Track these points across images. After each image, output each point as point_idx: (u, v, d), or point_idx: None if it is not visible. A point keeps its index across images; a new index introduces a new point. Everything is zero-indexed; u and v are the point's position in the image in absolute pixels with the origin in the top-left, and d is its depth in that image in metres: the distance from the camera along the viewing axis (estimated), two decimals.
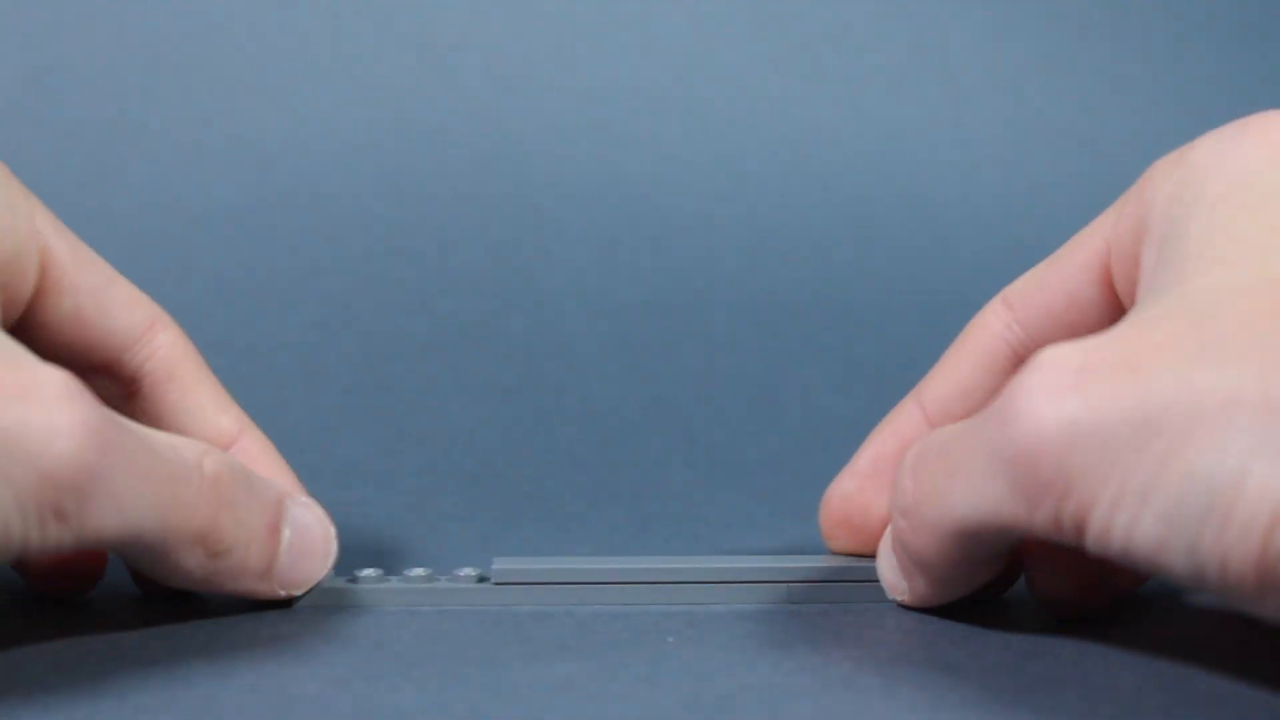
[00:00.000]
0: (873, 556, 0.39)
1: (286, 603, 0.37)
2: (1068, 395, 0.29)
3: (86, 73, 0.71)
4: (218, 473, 0.35)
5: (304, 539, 0.37)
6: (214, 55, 0.73)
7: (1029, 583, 0.38)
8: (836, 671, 0.33)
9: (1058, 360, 0.30)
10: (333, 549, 0.38)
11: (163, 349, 0.39)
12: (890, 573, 0.38)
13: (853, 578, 0.39)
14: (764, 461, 0.61)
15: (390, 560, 0.44)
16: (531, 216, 0.75)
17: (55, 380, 0.31)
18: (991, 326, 0.40)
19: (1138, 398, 0.29)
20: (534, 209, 0.75)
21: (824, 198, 0.79)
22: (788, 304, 0.75)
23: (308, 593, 0.38)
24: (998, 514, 0.31)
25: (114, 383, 0.39)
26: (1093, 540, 0.30)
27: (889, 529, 0.38)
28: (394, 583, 0.38)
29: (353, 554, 0.42)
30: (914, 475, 0.35)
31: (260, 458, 0.40)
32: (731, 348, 0.72)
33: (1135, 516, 0.29)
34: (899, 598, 0.38)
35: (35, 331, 0.37)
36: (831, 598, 0.39)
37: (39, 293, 0.37)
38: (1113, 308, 0.37)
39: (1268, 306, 0.29)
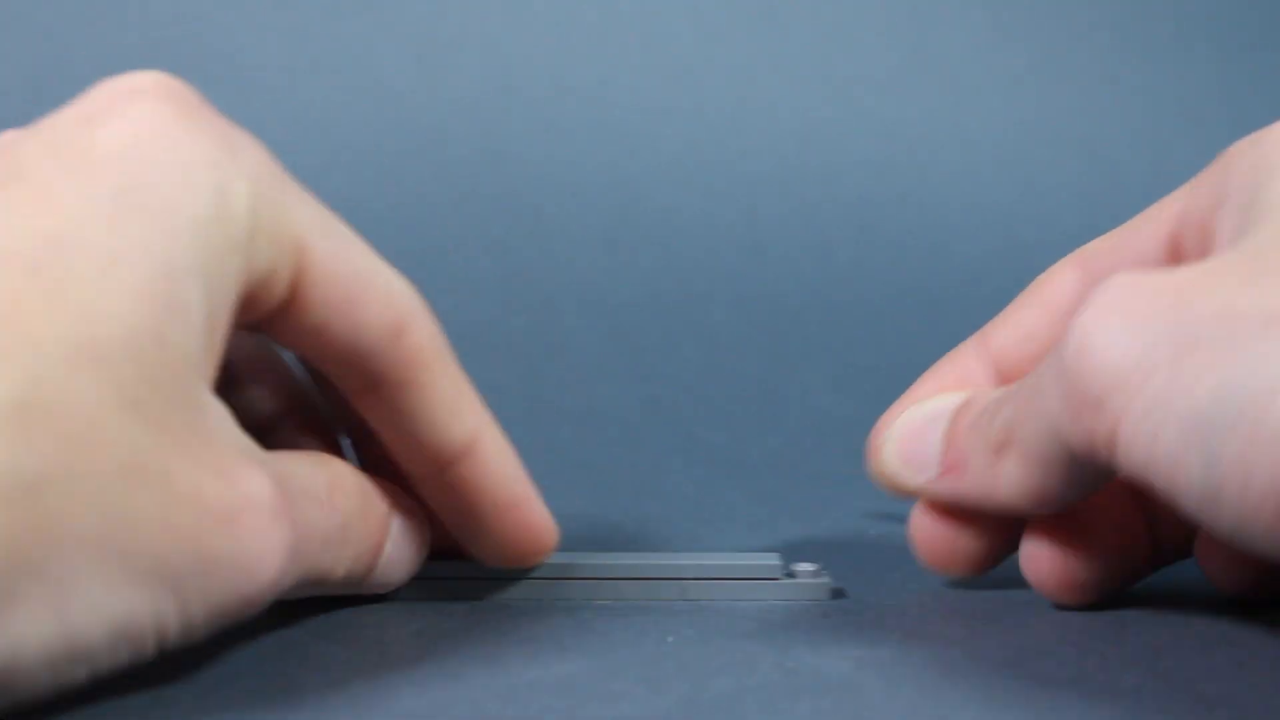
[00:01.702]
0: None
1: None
2: (1115, 314, 0.30)
3: (86, 73, 0.71)
4: (346, 509, 0.35)
5: (400, 552, 0.37)
6: (214, 55, 0.73)
7: (1207, 575, 0.38)
8: (836, 671, 0.33)
9: (1115, 283, 0.31)
10: (421, 555, 0.38)
11: (405, 355, 0.36)
12: (919, 446, 0.39)
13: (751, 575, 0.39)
14: (764, 461, 0.61)
15: None
16: (531, 216, 0.75)
17: (264, 498, 0.30)
18: (1060, 280, 0.40)
19: (1179, 317, 0.29)
20: (534, 209, 0.75)
21: (824, 198, 0.79)
22: (788, 304, 0.75)
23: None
24: (1058, 433, 0.32)
25: (354, 377, 0.36)
26: (1122, 456, 0.30)
27: (939, 403, 0.39)
28: None
29: None
30: (1011, 396, 0.35)
31: (490, 466, 0.38)
32: (731, 348, 0.72)
33: (1159, 425, 0.29)
34: (901, 474, 0.39)
35: (276, 338, 0.35)
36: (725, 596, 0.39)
37: (285, 305, 0.34)
38: None
39: None
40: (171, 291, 0.29)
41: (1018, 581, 0.42)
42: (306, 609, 0.37)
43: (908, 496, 0.40)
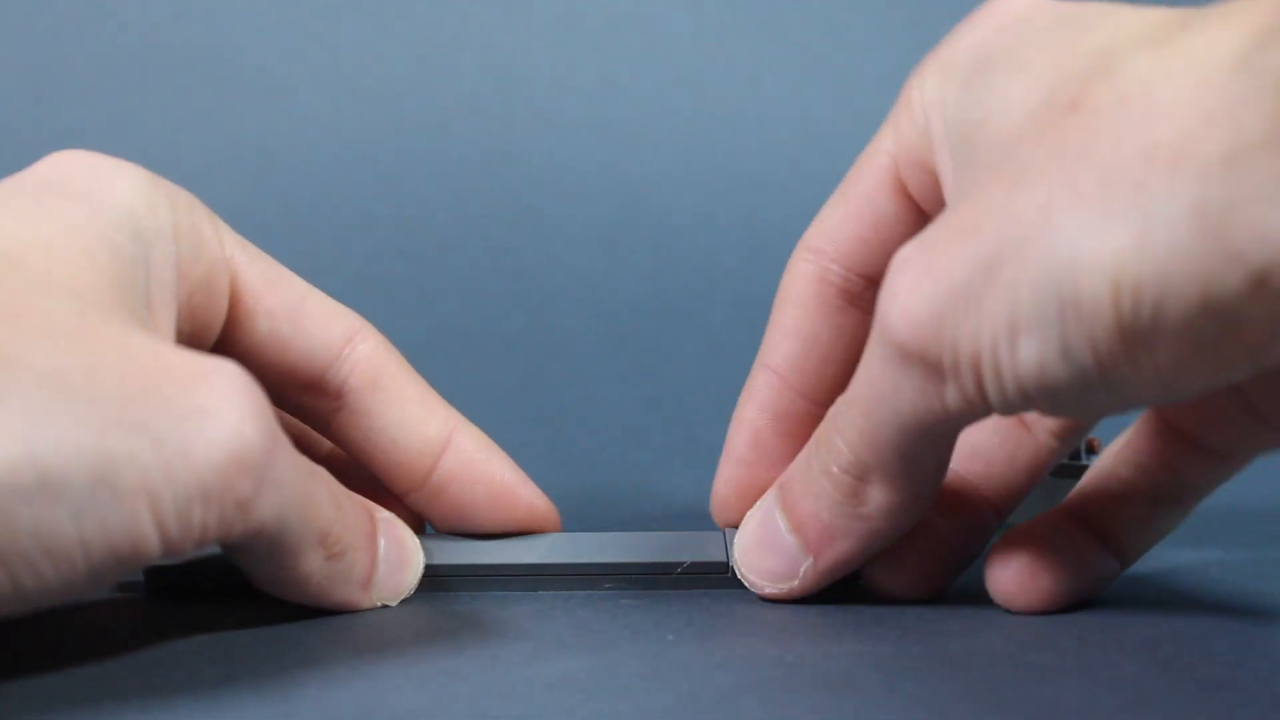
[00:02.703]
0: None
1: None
2: (922, 279, 0.31)
3: (86, 73, 0.71)
4: (329, 483, 0.35)
5: (396, 549, 0.37)
6: (214, 55, 0.73)
7: (866, 580, 0.39)
8: (837, 666, 0.33)
9: (904, 258, 0.31)
10: (420, 560, 0.38)
11: (363, 361, 0.38)
12: (774, 555, 0.38)
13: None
14: None
15: None
16: (531, 216, 0.75)
17: (231, 367, 0.31)
18: (806, 276, 0.40)
19: (976, 247, 0.30)
20: (534, 209, 0.75)
21: (824, 198, 0.79)
22: None
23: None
24: (920, 414, 0.32)
25: (319, 400, 0.39)
26: (994, 397, 0.31)
27: (757, 510, 0.38)
28: None
29: None
30: (840, 431, 0.35)
31: (476, 455, 0.39)
32: (731, 348, 0.72)
33: (1013, 348, 0.30)
34: (775, 588, 0.38)
35: (232, 357, 0.37)
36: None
37: (232, 318, 0.37)
38: (916, 214, 0.38)
39: (1049, 124, 0.30)
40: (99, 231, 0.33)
41: None
42: (308, 610, 0.37)
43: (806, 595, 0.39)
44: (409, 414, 0.39)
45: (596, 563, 0.39)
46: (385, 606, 0.38)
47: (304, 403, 0.38)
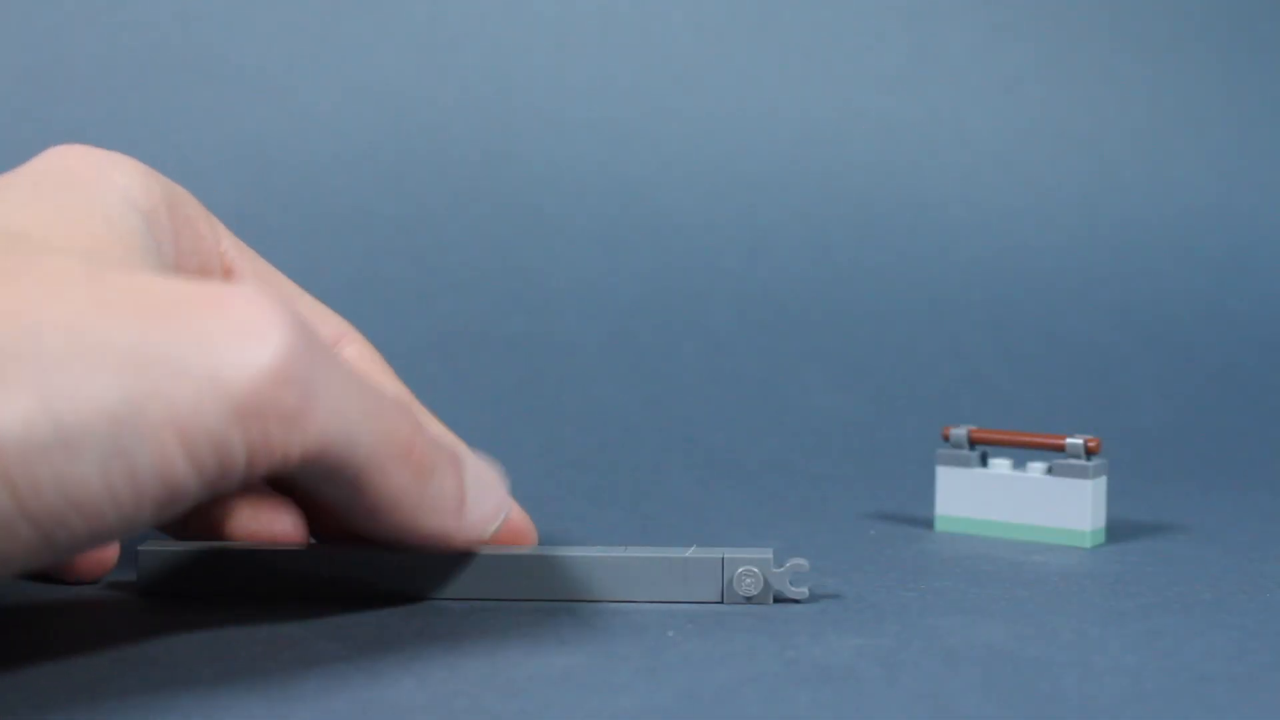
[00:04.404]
0: None
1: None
2: None
3: (86, 73, 0.71)
4: (399, 393, 0.34)
5: (482, 476, 0.36)
6: (214, 55, 0.73)
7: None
8: (837, 660, 0.33)
9: None
10: (504, 489, 0.37)
11: (350, 361, 0.38)
12: None
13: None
14: (764, 461, 0.61)
15: None
16: (531, 216, 0.75)
17: (251, 285, 0.30)
18: None
19: None
20: (534, 209, 0.75)
21: (824, 198, 0.79)
22: (788, 304, 0.75)
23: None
24: None
25: None
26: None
27: None
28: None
29: None
30: None
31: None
32: (731, 348, 0.72)
33: None
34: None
35: None
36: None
37: None
38: None
39: None
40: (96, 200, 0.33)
41: (1017, 577, 0.42)
42: (308, 609, 0.37)
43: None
44: None
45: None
46: (474, 548, 0.36)
47: None
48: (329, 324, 0.39)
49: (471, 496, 0.36)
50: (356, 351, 0.39)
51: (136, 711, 0.30)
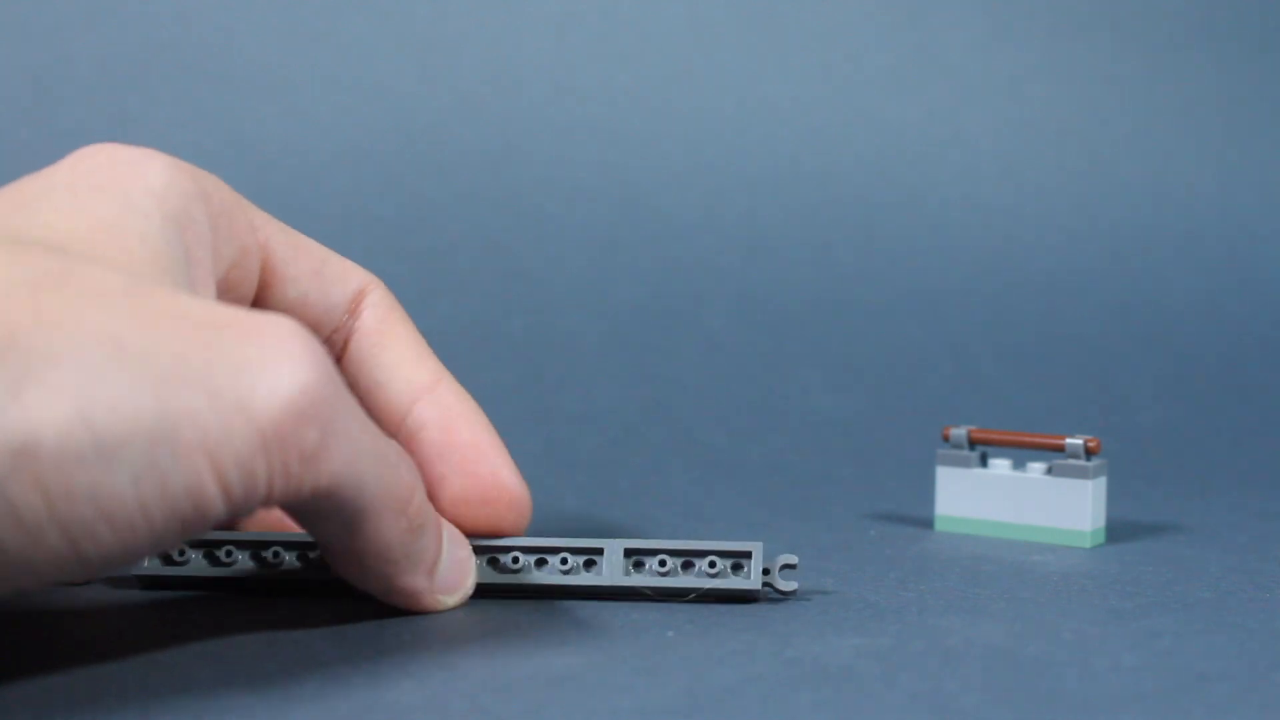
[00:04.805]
0: None
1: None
2: None
3: (86, 73, 0.71)
4: (393, 445, 0.34)
5: (455, 548, 0.37)
6: (214, 55, 0.73)
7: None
8: (836, 660, 0.33)
9: None
10: (471, 559, 0.38)
11: (369, 309, 0.39)
12: None
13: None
14: (764, 461, 0.61)
15: None
16: (531, 216, 0.75)
17: (284, 319, 0.31)
18: None
19: None
20: (534, 209, 0.75)
21: (824, 198, 0.79)
22: (788, 304, 0.75)
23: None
24: None
25: (329, 347, 0.39)
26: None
27: None
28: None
29: None
30: None
31: (454, 407, 0.39)
32: (731, 348, 0.72)
33: None
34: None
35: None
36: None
37: (263, 287, 0.38)
38: None
39: None
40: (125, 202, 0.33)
41: (1017, 577, 0.42)
42: (308, 609, 0.37)
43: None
44: (400, 357, 0.39)
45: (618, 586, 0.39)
46: (445, 607, 0.37)
47: None
48: (356, 275, 0.39)
49: (444, 562, 0.37)
50: (377, 298, 0.40)
51: (136, 712, 0.30)
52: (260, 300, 0.38)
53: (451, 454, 0.39)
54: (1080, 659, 0.34)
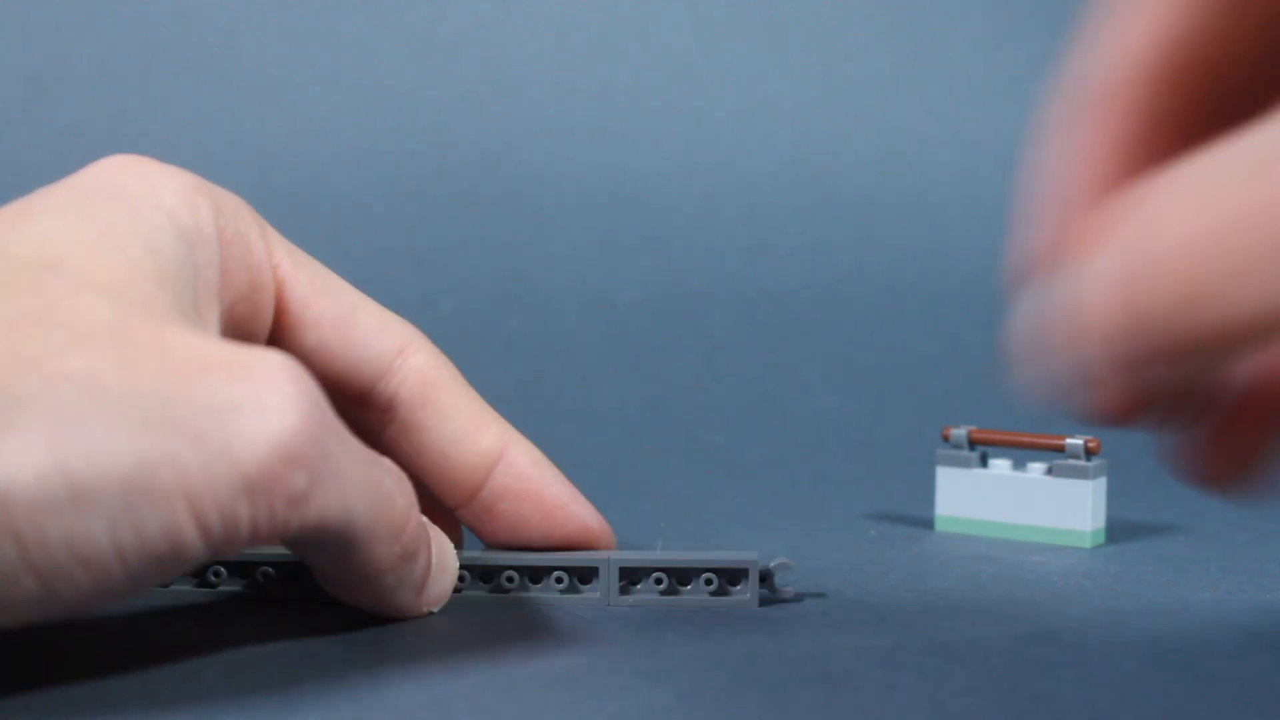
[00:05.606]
0: None
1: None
2: None
3: (86, 73, 0.71)
4: (395, 466, 0.34)
5: (441, 553, 0.37)
6: (214, 55, 0.73)
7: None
8: (836, 661, 0.33)
9: None
10: (456, 564, 0.37)
11: (414, 374, 0.37)
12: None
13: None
14: (764, 461, 0.61)
15: None
16: (531, 216, 0.75)
17: (275, 356, 0.30)
18: None
19: None
20: (534, 209, 0.75)
21: (824, 198, 0.79)
22: (788, 304, 0.75)
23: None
24: None
25: (369, 413, 0.38)
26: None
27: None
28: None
29: None
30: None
31: (528, 471, 0.38)
32: (731, 348, 0.72)
33: None
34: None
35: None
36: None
37: (279, 328, 0.36)
38: None
39: None
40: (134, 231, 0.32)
41: (1017, 577, 0.42)
42: (307, 609, 0.37)
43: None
44: (461, 428, 0.38)
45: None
46: (430, 613, 0.37)
47: (354, 416, 0.36)
48: (392, 333, 0.38)
49: (432, 576, 0.36)
50: (421, 361, 0.38)
51: (137, 713, 0.29)
52: (274, 342, 0.37)
53: (534, 516, 0.38)
54: (1080, 659, 0.34)
